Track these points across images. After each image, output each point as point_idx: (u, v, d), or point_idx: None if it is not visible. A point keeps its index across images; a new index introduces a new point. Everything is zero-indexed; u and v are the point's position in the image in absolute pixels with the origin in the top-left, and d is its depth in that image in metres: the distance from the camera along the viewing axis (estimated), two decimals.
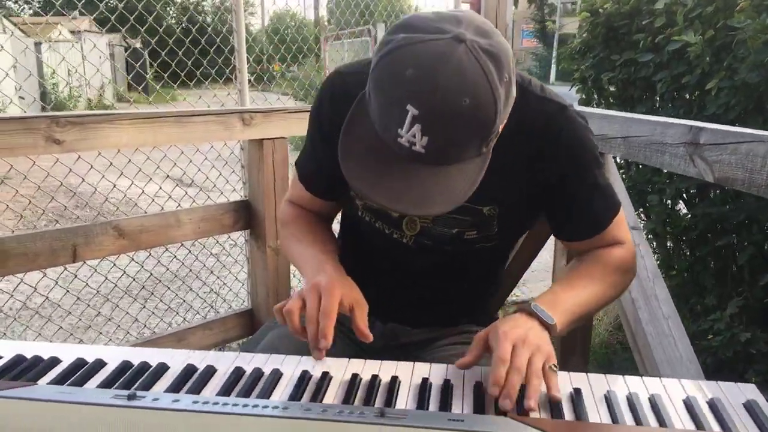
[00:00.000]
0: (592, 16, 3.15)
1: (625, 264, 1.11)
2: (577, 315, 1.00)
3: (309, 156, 1.20)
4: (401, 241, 1.14)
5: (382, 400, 0.81)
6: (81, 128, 1.60)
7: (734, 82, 2.37)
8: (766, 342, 2.40)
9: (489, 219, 1.09)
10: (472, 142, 0.83)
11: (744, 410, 0.78)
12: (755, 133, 1.14)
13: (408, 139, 0.80)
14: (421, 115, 0.78)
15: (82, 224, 1.75)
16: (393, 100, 0.80)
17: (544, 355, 0.85)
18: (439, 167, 0.84)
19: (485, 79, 0.79)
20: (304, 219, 1.22)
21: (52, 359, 0.91)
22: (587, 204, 1.08)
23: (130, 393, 0.77)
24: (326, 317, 0.89)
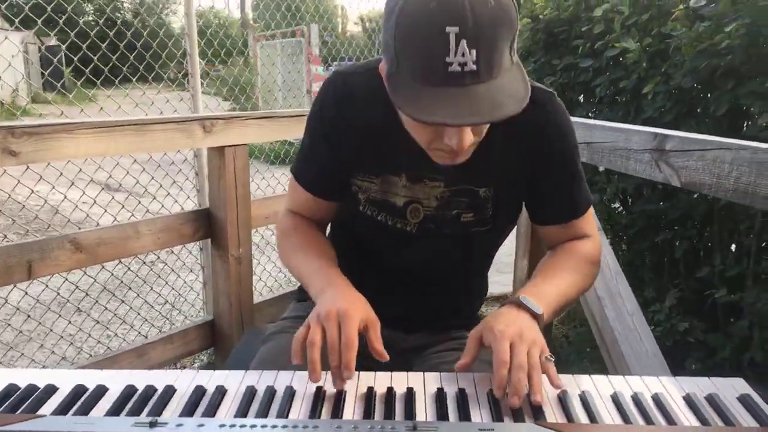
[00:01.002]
0: (533, 22, 3.25)
1: (594, 256, 1.18)
2: (560, 305, 1.06)
3: (309, 159, 1.20)
4: (405, 230, 1.16)
5: (402, 412, 0.82)
6: (38, 138, 1.52)
7: (669, 87, 2.51)
8: (702, 331, 2.55)
9: (484, 201, 1.13)
10: (505, 47, 0.86)
11: (740, 404, 0.84)
12: (721, 141, 1.22)
13: (458, 60, 0.83)
14: (462, 30, 0.81)
15: (37, 239, 1.67)
16: (432, 33, 0.83)
17: (540, 347, 0.90)
18: (492, 81, 0.86)
19: None
20: (305, 230, 1.22)
21: (48, 387, 0.87)
22: (568, 189, 1.15)
23: (151, 420, 0.75)
24: (349, 349, 0.88)
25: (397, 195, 1.14)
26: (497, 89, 0.86)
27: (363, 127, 1.11)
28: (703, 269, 2.53)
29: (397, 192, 1.14)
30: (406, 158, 1.09)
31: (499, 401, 0.84)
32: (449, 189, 1.12)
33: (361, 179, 1.15)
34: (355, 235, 1.25)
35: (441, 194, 1.13)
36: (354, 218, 1.21)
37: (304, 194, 1.22)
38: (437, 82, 0.85)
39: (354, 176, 1.16)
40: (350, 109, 1.03)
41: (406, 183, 1.13)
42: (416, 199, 1.13)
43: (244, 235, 2.03)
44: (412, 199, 1.14)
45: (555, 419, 0.80)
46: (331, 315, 0.92)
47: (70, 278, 2.61)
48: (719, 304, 2.46)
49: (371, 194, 1.16)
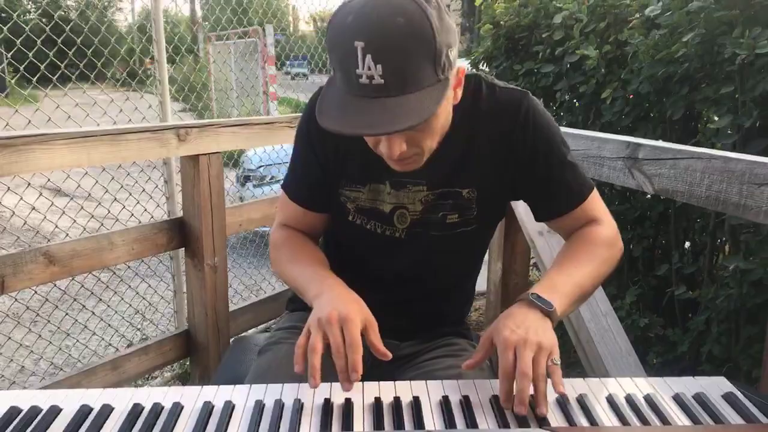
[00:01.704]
0: (494, 28, 3.32)
1: (609, 238, 1.17)
2: (576, 295, 1.06)
3: (298, 174, 1.23)
4: (393, 237, 1.19)
5: (411, 422, 0.85)
6: (12, 150, 1.49)
7: (627, 93, 2.62)
8: (661, 326, 2.66)
9: (468, 202, 1.17)
10: (422, 63, 0.90)
11: (725, 402, 0.89)
12: (692, 150, 1.29)
13: (366, 73, 0.88)
14: (367, 44, 0.87)
15: (9, 253, 1.62)
16: (344, 47, 0.89)
17: (547, 352, 0.91)
18: (404, 96, 0.90)
19: (413, 2, 0.88)
20: (296, 240, 1.24)
21: (52, 408, 0.86)
22: (561, 178, 1.16)
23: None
24: (354, 351, 0.90)
25: (384, 202, 1.18)
26: (405, 104, 0.90)
27: (347, 139, 1.12)
28: (662, 267, 2.65)
29: (384, 199, 1.18)
30: (387, 166, 1.11)
31: (503, 408, 0.87)
32: (432, 192, 1.16)
33: (349, 189, 1.19)
34: (345, 247, 1.28)
35: (425, 198, 1.16)
36: (343, 229, 1.23)
37: (296, 208, 1.24)
38: (354, 92, 0.91)
39: (342, 187, 1.19)
40: None
41: (391, 190, 1.17)
42: (402, 204, 1.17)
43: (219, 243, 2.02)
44: (398, 205, 1.17)
45: (557, 423, 0.84)
46: (332, 319, 0.93)
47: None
48: (677, 301, 2.58)
49: (360, 203, 1.19)
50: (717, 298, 2.24)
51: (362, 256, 1.25)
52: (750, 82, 2.02)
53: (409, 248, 1.20)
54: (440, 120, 1.01)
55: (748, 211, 1.15)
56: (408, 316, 1.26)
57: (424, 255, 1.21)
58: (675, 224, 2.59)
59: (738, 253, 2.24)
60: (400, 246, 1.20)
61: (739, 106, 2.10)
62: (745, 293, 2.14)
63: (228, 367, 1.38)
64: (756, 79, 1.99)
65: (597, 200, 1.20)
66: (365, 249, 1.24)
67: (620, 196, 2.83)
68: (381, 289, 1.21)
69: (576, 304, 1.09)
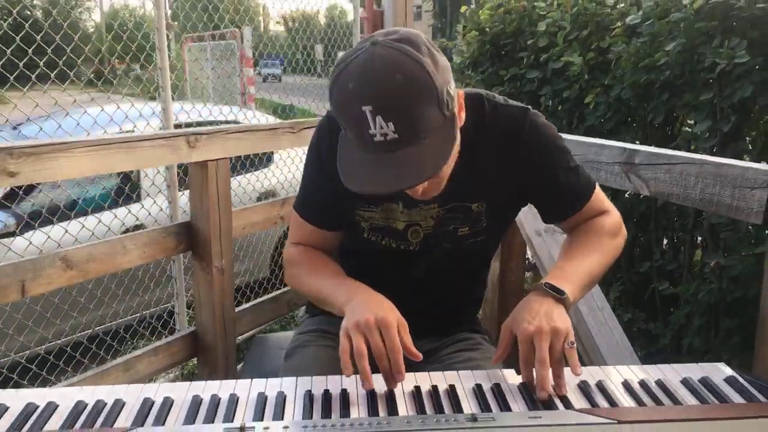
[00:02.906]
0: (480, 35, 3.42)
1: (613, 228, 1.26)
2: (585, 282, 1.15)
3: (310, 194, 1.29)
4: (408, 250, 1.26)
5: (449, 406, 0.93)
6: (36, 159, 1.53)
7: (609, 98, 2.74)
8: (644, 320, 2.79)
9: (478, 215, 1.24)
10: (429, 110, 0.96)
11: (727, 384, 1.00)
12: (686, 156, 1.41)
13: (379, 132, 0.94)
14: (375, 107, 0.93)
15: (29, 258, 1.67)
16: (353, 112, 0.95)
17: (562, 336, 1.00)
18: (419, 144, 0.97)
19: (406, 57, 0.95)
20: (312, 254, 1.29)
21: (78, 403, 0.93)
22: (565, 183, 1.23)
23: (240, 425, 0.83)
24: (396, 352, 0.98)
25: (398, 220, 1.24)
26: (425, 150, 0.97)
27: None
28: (644, 264, 2.78)
29: (397, 217, 1.24)
30: None
31: (531, 393, 0.96)
32: (443, 208, 1.22)
33: (364, 210, 1.25)
34: (360, 259, 1.33)
35: (436, 214, 1.23)
36: (358, 245, 1.29)
37: (308, 227, 1.30)
38: (370, 151, 0.97)
39: (357, 208, 1.25)
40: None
41: (403, 209, 1.23)
42: (415, 222, 1.23)
43: (226, 246, 2.08)
44: (411, 223, 1.24)
45: (581, 405, 0.94)
46: (370, 324, 1.00)
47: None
48: (658, 296, 2.71)
49: (374, 222, 1.25)
50: (698, 293, 2.37)
51: (377, 267, 1.30)
52: (728, 90, 2.15)
53: (422, 259, 1.27)
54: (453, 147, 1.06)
55: (740, 213, 1.26)
56: (422, 319, 1.32)
57: (437, 265, 1.28)
58: (656, 223, 2.72)
59: (717, 250, 2.37)
60: (413, 257, 1.27)
61: (717, 112, 2.22)
62: (725, 288, 2.27)
63: (252, 364, 1.46)
64: (734, 87, 2.12)
65: (600, 196, 1.30)
66: (380, 261, 1.29)
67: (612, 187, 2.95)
68: (395, 297, 1.25)
69: (586, 289, 1.18)
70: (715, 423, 0.85)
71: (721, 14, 2.14)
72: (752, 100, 2.11)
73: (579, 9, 2.95)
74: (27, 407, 0.92)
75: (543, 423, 0.83)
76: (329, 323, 1.31)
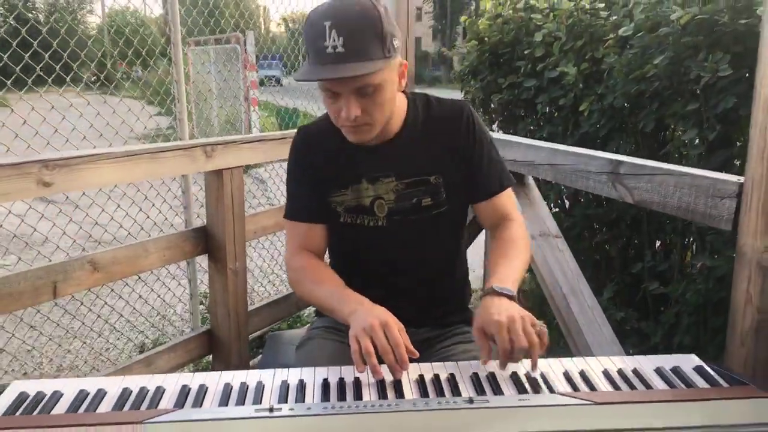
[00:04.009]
0: (479, 44, 3.55)
1: (524, 233, 1.48)
2: (518, 281, 1.34)
3: (296, 197, 1.52)
4: (377, 226, 1.45)
5: (449, 390, 1.07)
6: (68, 170, 1.66)
7: (602, 106, 2.86)
8: (636, 319, 2.91)
9: (437, 186, 1.45)
10: (372, 41, 1.22)
11: (695, 372, 1.13)
12: (666, 167, 1.54)
13: (331, 44, 1.20)
14: (333, 23, 1.20)
15: (60, 261, 1.80)
16: (317, 26, 1.21)
17: (529, 320, 1.16)
18: (357, 63, 1.20)
19: (369, 0, 1.24)
20: (314, 266, 1.47)
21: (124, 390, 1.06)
22: (490, 167, 1.47)
23: (270, 406, 0.96)
24: (399, 347, 1.13)
25: (365, 197, 1.45)
26: (358, 66, 1.20)
27: (326, 156, 1.46)
28: (636, 265, 2.90)
29: (364, 194, 1.45)
30: (361, 167, 1.44)
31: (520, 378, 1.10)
32: (402, 182, 1.44)
33: (337, 194, 1.47)
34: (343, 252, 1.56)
35: (395, 187, 1.44)
36: (338, 232, 1.50)
37: (302, 229, 1.50)
38: (321, 61, 1.22)
39: (331, 195, 1.47)
40: (314, 146, 1.47)
41: (368, 185, 1.44)
42: (379, 195, 1.44)
43: (239, 249, 2.22)
44: (376, 197, 1.45)
45: (563, 390, 1.07)
46: (375, 327, 1.16)
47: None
48: (650, 296, 2.83)
49: (347, 203, 1.46)
50: (686, 292, 2.49)
51: (358, 253, 1.52)
52: (713, 101, 2.27)
53: (392, 235, 1.46)
54: (387, 95, 1.29)
55: (713, 220, 1.39)
56: (414, 302, 1.47)
57: (408, 241, 1.47)
58: (648, 226, 2.84)
59: (704, 252, 2.49)
60: (383, 234, 1.46)
61: (703, 121, 2.35)
62: (711, 288, 2.39)
63: (268, 357, 1.59)
64: (718, 98, 2.24)
65: (512, 197, 1.53)
66: (359, 245, 1.51)
67: (597, 201, 3.08)
68: (383, 282, 1.47)
69: (517, 285, 1.35)
70: (679, 404, 0.98)
71: (706, 30, 2.25)
72: (735, 111, 2.24)
73: (574, 20, 3.06)
74: (80, 393, 1.05)
75: (530, 404, 0.97)
76: (336, 321, 1.45)
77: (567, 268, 1.91)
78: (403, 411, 0.96)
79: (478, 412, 0.96)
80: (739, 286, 1.39)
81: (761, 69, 1.30)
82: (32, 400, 1.04)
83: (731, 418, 0.97)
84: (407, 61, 1.37)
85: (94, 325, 3.19)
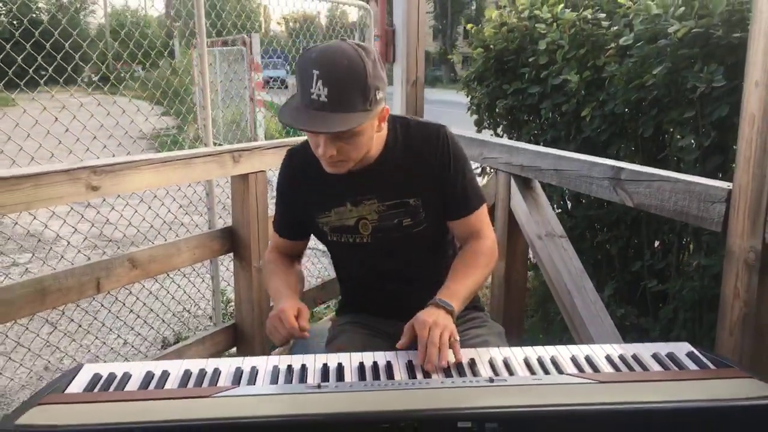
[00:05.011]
0: (485, 52, 3.69)
1: (489, 250, 1.60)
2: (467, 296, 1.48)
3: (279, 216, 1.72)
4: (363, 243, 1.60)
5: (470, 372, 1.21)
6: (113, 175, 1.81)
7: (604, 112, 3.00)
8: (636, 316, 3.05)
9: (416, 207, 1.56)
10: (355, 94, 1.30)
11: (687, 358, 1.27)
12: (663, 174, 1.69)
13: (316, 92, 1.29)
14: (321, 73, 1.28)
15: (103, 259, 1.95)
16: (306, 73, 1.30)
17: (449, 331, 1.31)
18: (339, 114, 1.30)
19: (356, 54, 1.32)
20: (278, 262, 1.71)
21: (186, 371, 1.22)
22: (465, 188, 1.57)
23: (317, 383, 1.11)
24: (293, 326, 1.42)
25: (349, 218, 1.58)
26: (339, 118, 1.30)
27: (311, 180, 1.58)
28: (636, 264, 3.04)
29: (348, 216, 1.58)
30: (344, 190, 1.55)
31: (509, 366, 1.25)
32: (383, 204, 1.56)
33: (322, 216, 1.61)
34: (339, 261, 1.75)
35: (377, 208, 1.56)
36: (329, 248, 1.70)
37: (279, 239, 1.73)
38: (306, 105, 1.31)
39: (317, 217, 1.61)
40: (300, 170, 1.60)
41: (351, 207, 1.57)
42: (362, 216, 1.57)
43: (263, 248, 2.36)
44: (360, 217, 1.57)
45: (572, 371, 1.21)
46: (272, 316, 1.45)
47: None
48: (649, 293, 2.97)
49: (332, 224, 1.60)
50: (683, 290, 2.63)
51: (350, 264, 1.72)
52: (708, 109, 2.41)
53: (377, 250, 1.60)
54: (363, 139, 1.40)
55: (705, 222, 1.54)
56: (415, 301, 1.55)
57: (394, 253, 1.61)
58: (646, 227, 2.98)
59: (700, 251, 2.63)
60: (369, 249, 1.61)
61: (699, 127, 2.49)
62: (706, 285, 2.53)
63: (300, 347, 1.73)
64: (713, 107, 2.38)
65: (485, 215, 1.64)
66: (348, 258, 1.69)
67: (598, 202, 3.21)
68: (382, 286, 1.66)
69: (468, 301, 1.51)
70: (672, 383, 1.13)
71: (701, 42, 2.39)
72: (729, 119, 2.38)
73: (577, 30, 3.19)
74: (147, 375, 1.20)
75: (542, 383, 1.11)
76: (359, 316, 1.71)
77: (571, 266, 2.06)
78: (432, 388, 1.11)
79: (498, 389, 1.10)
80: (728, 282, 1.54)
81: (747, 86, 1.45)
82: (106, 380, 1.18)
83: (718, 396, 1.11)
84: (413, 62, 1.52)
85: (115, 323, 3.34)
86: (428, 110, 3.66)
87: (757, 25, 1.42)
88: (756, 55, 1.42)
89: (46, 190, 1.66)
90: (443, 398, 1.08)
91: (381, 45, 3.96)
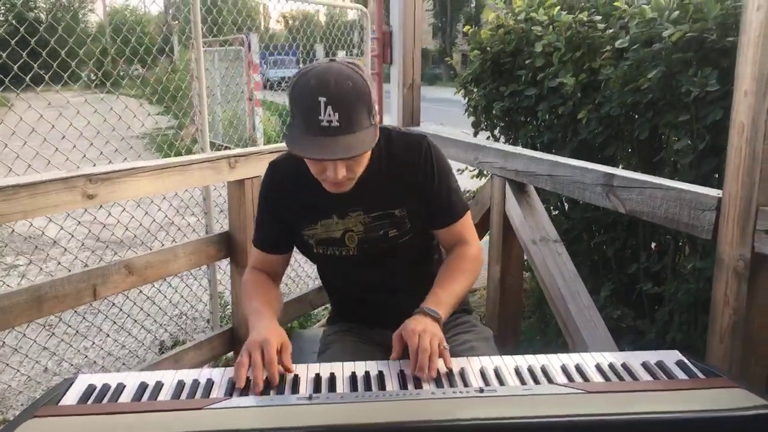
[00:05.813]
0: (482, 54, 3.69)
1: (474, 256, 1.61)
2: (454, 303, 1.49)
3: (260, 231, 1.66)
4: (349, 255, 1.59)
5: (461, 382, 1.22)
6: (109, 183, 1.82)
7: (600, 114, 3.01)
8: (632, 318, 3.06)
9: (401, 218, 1.57)
10: (363, 113, 1.31)
11: (677, 366, 1.29)
12: (654, 181, 1.69)
13: (326, 119, 1.27)
14: (328, 99, 1.26)
15: (100, 266, 1.96)
16: (310, 101, 1.27)
17: (437, 339, 1.32)
18: (353, 134, 1.29)
19: (355, 72, 1.32)
20: (257, 282, 1.63)
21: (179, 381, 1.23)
22: (449, 197, 1.58)
23: (309, 395, 1.12)
24: (271, 365, 1.24)
25: (335, 230, 1.57)
26: (355, 139, 1.29)
27: (296, 194, 1.56)
28: (632, 266, 3.05)
29: (334, 228, 1.57)
30: (330, 203, 1.53)
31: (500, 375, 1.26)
32: (369, 215, 1.55)
33: (308, 229, 1.59)
34: (326, 272, 1.74)
35: (363, 220, 1.56)
36: (315, 260, 1.68)
37: (260, 253, 1.67)
38: (315, 133, 1.28)
39: (302, 230, 1.59)
40: (284, 184, 1.57)
41: (338, 220, 1.56)
42: (349, 228, 1.56)
43: None
44: (346, 230, 1.57)
45: (561, 381, 1.22)
46: (253, 345, 1.28)
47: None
48: (645, 295, 2.98)
49: (318, 236, 1.59)
50: (678, 292, 2.64)
51: (336, 275, 1.71)
52: (702, 112, 2.42)
53: (363, 261, 1.60)
54: (368, 154, 1.42)
55: (695, 230, 1.55)
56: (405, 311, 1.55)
57: (380, 263, 1.61)
58: (643, 229, 2.99)
59: (695, 254, 2.64)
60: (355, 261, 1.60)
61: (694, 131, 2.50)
62: (701, 288, 2.54)
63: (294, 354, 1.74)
64: (707, 110, 2.38)
65: (469, 222, 1.65)
66: (335, 270, 1.69)
67: (595, 205, 3.22)
68: (369, 296, 1.67)
69: (454, 307, 1.51)
70: (661, 393, 1.15)
71: (696, 46, 2.40)
72: (723, 122, 2.39)
73: (573, 32, 3.19)
74: (141, 384, 1.21)
75: (532, 393, 1.13)
76: (348, 324, 1.72)
77: (565, 271, 2.07)
78: (423, 399, 1.12)
79: (488, 399, 1.11)
80: (718, 290, 1.55)
81: (737, 96, 1.46)
82: (100, 391, 1.20)
83: (706, 406, 1.12)
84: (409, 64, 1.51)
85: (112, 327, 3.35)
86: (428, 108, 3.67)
87: (746, 36, 1.43)
88: (745, 64, 1.43)
89: (42, 199, 1.67)
90: (434, 410, 1.10)
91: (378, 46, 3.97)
